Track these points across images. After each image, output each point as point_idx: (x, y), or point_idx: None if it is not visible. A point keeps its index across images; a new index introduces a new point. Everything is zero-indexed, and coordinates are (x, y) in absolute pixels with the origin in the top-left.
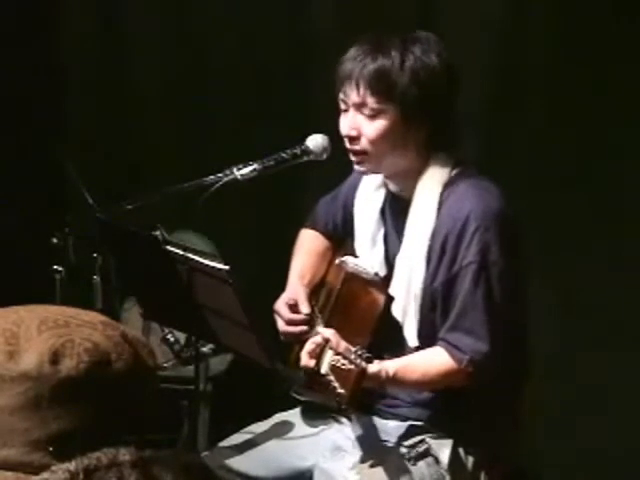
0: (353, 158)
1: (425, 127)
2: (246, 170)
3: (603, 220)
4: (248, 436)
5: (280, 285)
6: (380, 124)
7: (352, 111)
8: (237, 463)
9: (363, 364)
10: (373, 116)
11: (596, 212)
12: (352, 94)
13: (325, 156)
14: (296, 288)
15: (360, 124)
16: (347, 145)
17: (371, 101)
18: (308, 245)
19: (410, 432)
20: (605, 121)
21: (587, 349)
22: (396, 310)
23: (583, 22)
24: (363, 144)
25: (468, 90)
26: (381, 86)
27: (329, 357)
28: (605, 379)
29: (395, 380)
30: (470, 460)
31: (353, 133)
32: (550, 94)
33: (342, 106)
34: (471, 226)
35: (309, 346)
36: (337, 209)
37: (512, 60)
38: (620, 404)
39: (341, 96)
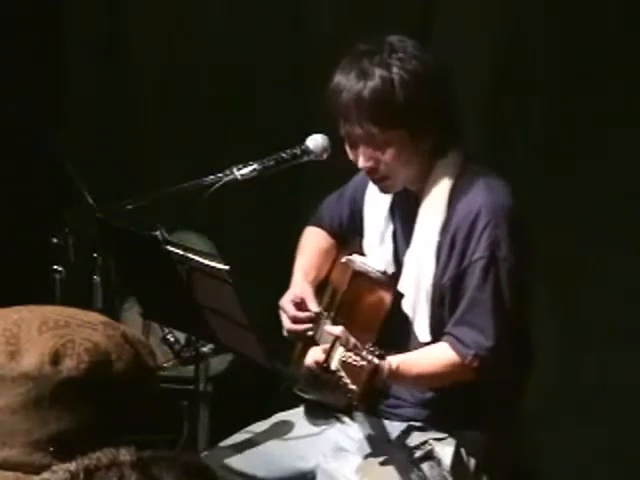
0: (377, 185)
1: (431, 132)
2: (246, 170)
3: (603, 220)
4: (248, 436)
5: (280, 284)
6: (393, 149)
7: (362, 145)
8: (237, 463)
9: (375, 360)
10: (384, 144)
11: (596, 212)
12: (355, 129)
13: (325, 156)
14: (303, 286)
15: (374, 154)
16: (366, 174)
17: (376, 131)
18: (313, 243)
19: (413, 433)
20: (605, 121)
21: (587, 349)
22: (406, 306)
23: (583, 22)
24: (383, 171)
25: (468, 89)
26: (381, 113)
27: (339, 353)
28: (605, 379)
29: (398, 374)
30: (472, 462)
31: (371, 164)
32: (550, 94)
33: (346, 140)
34: (481, 221)
35: (317, 352)
36: (343, 207)
37: (512, 60)
38: (620, 404)
39: (342, 132)
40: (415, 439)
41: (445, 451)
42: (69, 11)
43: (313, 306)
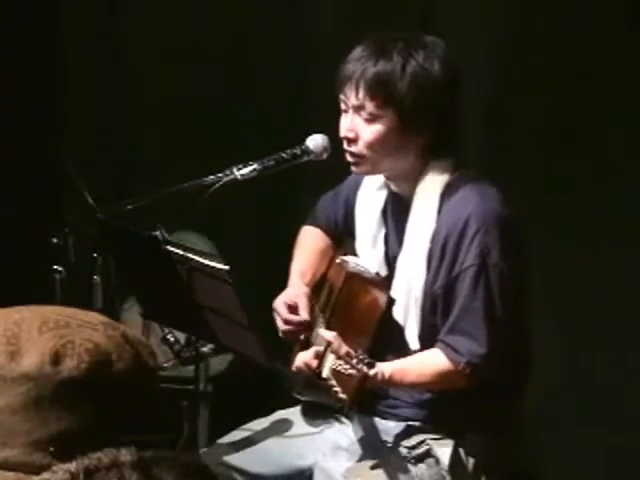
0: (350, 159)
1: (425, 132)
2: (246, 170)
3: (603, 220)
4: (247, 433)
5: (280, 285)
6: (377, 128)
7: (351, 113)
8: (236, 460)
9: (365, 369)
10: (371, 120)
11: (596, 212)
12: (351, 96)
13: (325, 156)
14: (298, 290)
15: (358, 126)
16: (344, 146)
17: (369, 105)
18: (309, 243)
19: (411, 433)
20: (605, 121)
21: (587, 349)
22: (397, 313)
23: (583, 22)
24: (360, 147)
25: (468, 90)
26: (380, 91)
27: (330, 361)
28: (605, 379)
29: (392, 382)
30: (471, 461)
31: (351, 135)
32: (550, 94)
33: (342, 106)
34: (471, 228)
35: (309, 355)
36: (338, 206)
37: (512, 60)
38: (620, 404)
39: (341, 97)
40: (413, 439)
41: (443, 450)
42: (69, 11)
43: (304, 314)
